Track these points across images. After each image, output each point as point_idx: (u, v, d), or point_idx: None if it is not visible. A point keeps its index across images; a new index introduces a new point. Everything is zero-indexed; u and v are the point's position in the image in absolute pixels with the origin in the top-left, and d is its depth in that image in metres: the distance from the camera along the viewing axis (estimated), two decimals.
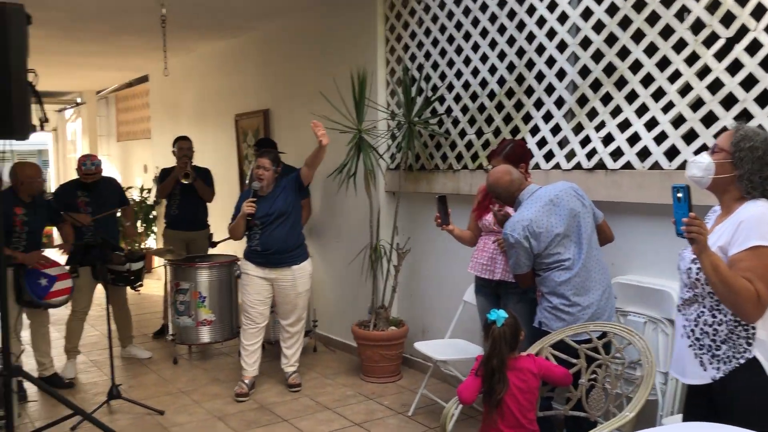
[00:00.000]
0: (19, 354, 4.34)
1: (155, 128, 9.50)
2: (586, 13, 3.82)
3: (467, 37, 4.57)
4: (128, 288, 5.30)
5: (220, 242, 5.99)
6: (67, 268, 4.82)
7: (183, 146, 6.04)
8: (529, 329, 3.20)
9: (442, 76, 4.80)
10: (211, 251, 6.09)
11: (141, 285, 5.16)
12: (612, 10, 3.68)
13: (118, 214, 5.65)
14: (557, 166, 4.00)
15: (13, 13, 3.26)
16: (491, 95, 4.43)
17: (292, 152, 5.73)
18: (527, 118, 4.21)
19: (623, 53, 3.65)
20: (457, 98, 4.68)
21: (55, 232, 5.55)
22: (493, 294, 3.73)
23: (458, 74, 4.66)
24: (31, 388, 4.74)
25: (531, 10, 4.12)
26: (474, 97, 4.56)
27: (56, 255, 5.08)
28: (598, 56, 3.77)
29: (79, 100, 12.46)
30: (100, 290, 5.17)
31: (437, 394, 4.39)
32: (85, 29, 6.52)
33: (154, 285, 8.76)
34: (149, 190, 9.85)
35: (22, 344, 4.55)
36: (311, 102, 5.73)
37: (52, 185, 13.87)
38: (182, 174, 5.90)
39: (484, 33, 4.45)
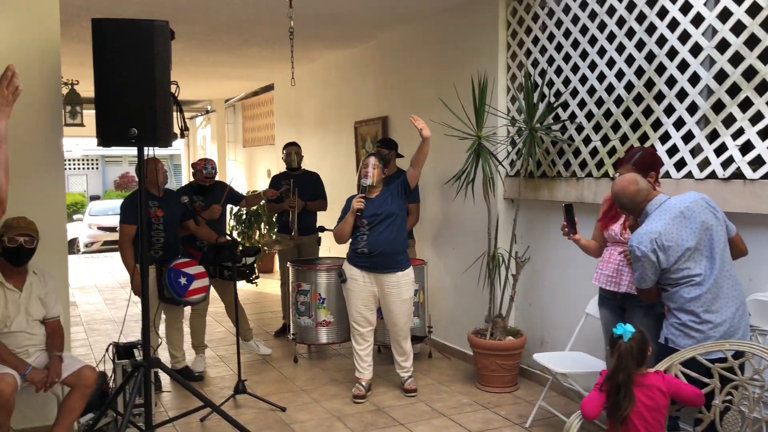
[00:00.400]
0: (157, 347, 4.65)
1: (279, 135, 9.89)
2: (724, 15, 3.62)
3: (593, 41, 4.45)
4: (246, 283, 5.42)
5: (329, 230, 6.17)
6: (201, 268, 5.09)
7: (291, 152, 6.27)
8: (654, 345, 3.07)
9: (566, 82, 4.70)
10: (326, 254, 6.24)
11: (257, 277, 5.33)
12: (754, 10, 3.47)
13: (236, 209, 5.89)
14: (689, 175, 3.81)
15: (160, 29, 3.52)
16: (618, 101, 4.29)
17: (408, 158, 5.78)
18: (657, 124, 4.04)
19: (766, 56, 3.43)
20: (582, 104, 4.57)
21: None
22: (619, 307, 3.60)
23: (583, 79, 4.55)
24: (165, 380, 5.07)
25: (662, 13, 3.95)
26: (600, 102, 4.43)
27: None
28: (736, 59, 3.56)
29: (209, 108, 13.19)
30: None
31: (556, 407, 4.29)
32: (217, 41, 6.91)
33: (275, 284, 9.12)
34: None
35: (160, 338, 4.87)
36: (430, 109, 5.77)
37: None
38: (292, 226, 6.09)
39: (611, 37, 4.31)
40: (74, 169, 30.51)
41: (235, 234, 9.86)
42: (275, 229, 10.05)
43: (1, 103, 1.76)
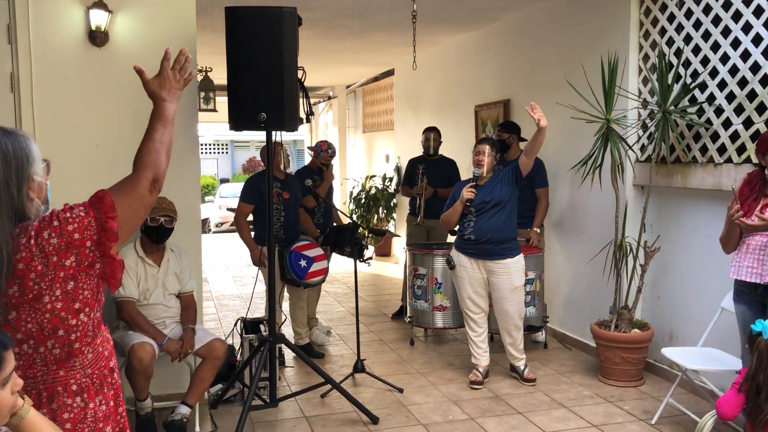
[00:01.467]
0: (281, 323, 4.84)
1: (398, 120, 9.96)
2: None
3: (737, 16, 4.13)
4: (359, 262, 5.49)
5: None
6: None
7: (429, 137, 6.27)
8: None
9: (704, 61, 4.39)
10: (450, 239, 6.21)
11: (370, 258, 5.38)
12: None
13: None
14: None
15: (288, 15, 3.63)
16: (764, 81, 3.96)
17: None
18: None
19: None
20: (722, 85, 4.26)
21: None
22: (759, 302, 3.34)
23: (724, 58, 4.23)
24: (288, 355, 5.27)
25: None
26: (743, 83, 4.10)
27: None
28: None
29: (331, 94, 13.49)
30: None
31: (685, 404, 4.06)
32: (341, 27, 7.03)
33: (391, 267, 9.23)
34: (390, 179, 10.38)
35: (284, 315, 5.06)
36: (555, 91, 5.59)
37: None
38: (418, 216, 6.14)
39: (758, 11, 3.98)
40: (206, 153, 32.24)
41: (354, 217, 10.06)
42: (394, 213, 10.22)
43: (172, 87, 1.87)
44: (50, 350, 1.67)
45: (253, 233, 5.30)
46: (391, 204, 10.24)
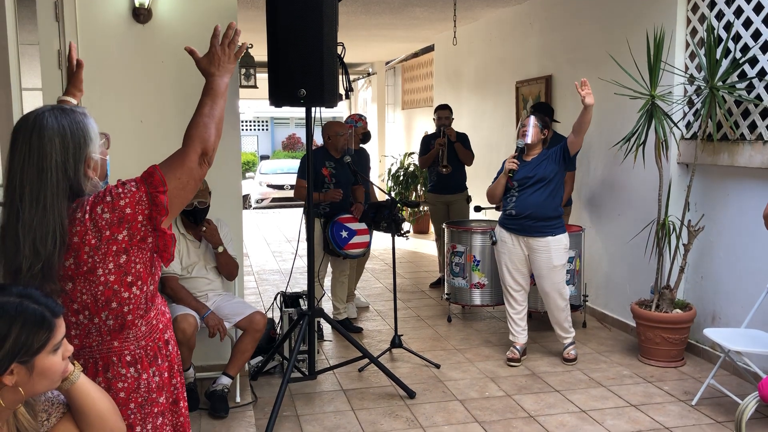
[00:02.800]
0: (320, 298, 4.90)
1: (437, 96, 9.89)
2: None
3: None
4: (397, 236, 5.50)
5: (487, 209, 6.11)
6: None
7: (441, 115, 6.30)
8: None
9: (756, 35, 4.25)
10: (478, 216, 6.17)
11: (408, 232, 5.38)
12: None
13: None
14: None
15: None
16: None
17: (572, 119, 5.54)
18: None
19: None
20: None
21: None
22: None
23: None
24: (327, 329, 5.34)
25: None
26: None
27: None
28: None
29: (370, 70, 13.45)
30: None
31: (727, 386, 4.00)
32: (380, 2, 6.99)
33: (431, 245, 9.24)
34: None
35: (323, 289, 5.11)
36: (598, 66, 5.48)
37: None
38: (442, 167, 6.20)
39: None
40: (246, 130, 32.56)
41: (393, 194, 10.06)
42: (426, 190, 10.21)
43: (224, 60, 1.90)
44: (104, 321, 1.73)
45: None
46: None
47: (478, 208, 6.15)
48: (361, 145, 5.85)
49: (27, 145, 1.66)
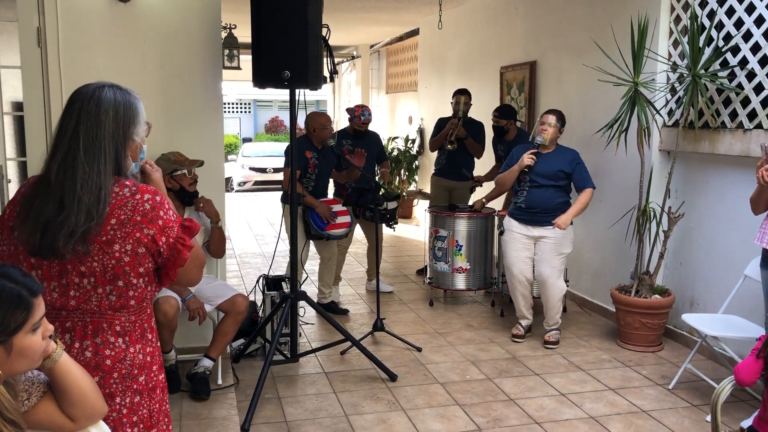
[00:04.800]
0: (302, 281, 4.90)
1: (422, 81, 9.86)
2: None
3: None
4: (385, 226, 5.55)
5: (477, 185, 6.19)
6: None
7: (459, 100, 6.20)
8: None
9: (738, 24, 4.28)
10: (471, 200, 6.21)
11: (396, 223, 5.42)
12: None
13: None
14: None
15: None
16: None
17: (556, 105, 5.57)
18: None
19: None
20: (756, 48, 4.15)
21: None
22: None
23: (759, 21, 4.12)
24: (309, 312, 5.34)
25: None
26: None
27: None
28: None
29: (354, 53, 13.37)
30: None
31: (703, 371, 4.07)
32: None
33: (413, 230, 9.26)
34: (413, 141, 10.33)
35: (305, 273, 5.11)
36: (582, 53, 5.50)
37: None
38: (448, 142, 6.12)
39: None
40: (229, 112, 32.28)
41: (377, 178, 10.05)
42: (416, 175, 10.20)
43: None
44: (107, 294, 1.75)
45: (282, 193, 5.36)
46: (413, 166, 10.21)
47: (472, 189, 6.17)
48: (369, 128, 5.83)
49: (85, 112, 1.74)
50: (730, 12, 4.33)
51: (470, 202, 6.19)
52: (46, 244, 1.67)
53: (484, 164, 6.55)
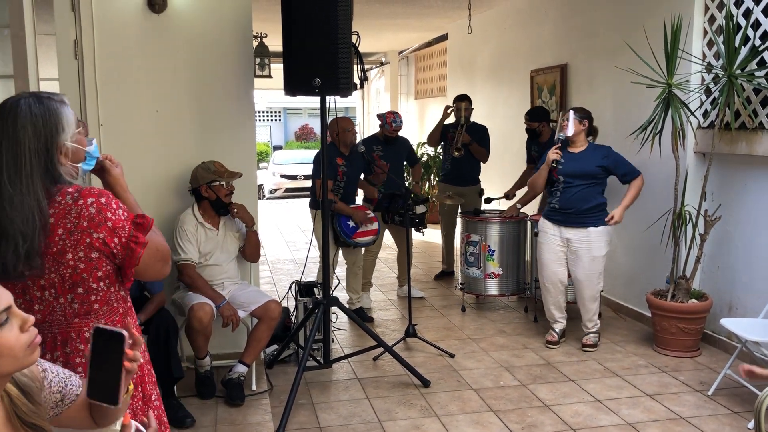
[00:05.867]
0: (333, 288, 4.91)
1: (450, 86, 9.85)
2: None
3: None
4: (414, 231, 5.55)
5: (495, 200, 6.12)
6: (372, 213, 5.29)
7: (460, 107, 6.22)
8: None
9: None
10: (487, 207, 6.15)
11: (425, 227, 5.39)
12: None
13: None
14: None
15: None
16: None
17: (588, 108, 5.50)
18: None
19: None
20: None
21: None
22: None
23: None
24: (341, 318, 5.35)
25: None
26: None
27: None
28: None
29: (383, 60, 13.40)
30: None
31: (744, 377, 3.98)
32: None
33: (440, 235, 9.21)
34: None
35: (336, 279, 5.13)
36: (614, 55, 5.44)
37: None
38: (454, 149, 6.16)
39: None
40: (259, 120, 32.57)
41: (406, 183, 10.05)
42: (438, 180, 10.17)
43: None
44: (69, 303, 1.76)
45: (310, 199, 5.40)
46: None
47: (488, 200, 6.15)
48: (398, 134, 5.84)
49: (2, 132, 1.70)
50: (767, 10, 4.25)
51: (483, 207, 6.17)
52: (11, 270, 1.67)
53: (504, 169, 6.50)
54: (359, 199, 5.72)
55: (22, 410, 1.38)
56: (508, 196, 6.15)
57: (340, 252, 5.38)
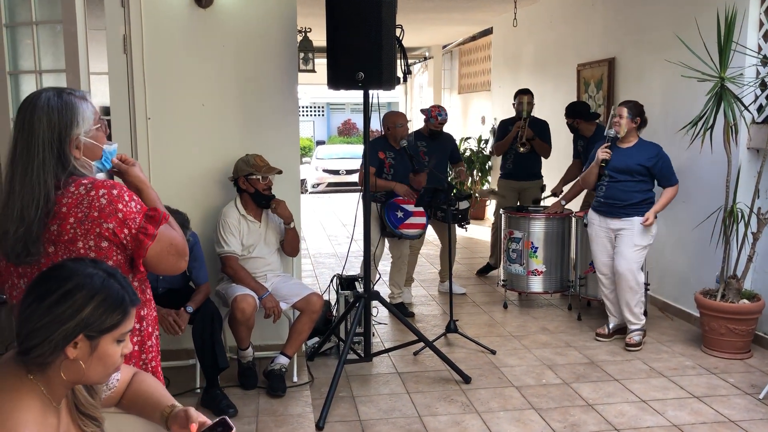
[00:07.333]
0: (375, 281, 4.91)
1: (495, 80, 9.75)
2: None
3: None
4: (457, 226, 5.52)
5: (546, 198, 6.04)
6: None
7: (522, 100, 6.09)
8: None
9: None
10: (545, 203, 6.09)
11: (468, 223, 5.36)
12: None
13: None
14: None
15: None
16: None
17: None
18: None
19: None
20: None
21: None
22: None
23: None
24: (382, 313, 5.35)
25: None
26: None
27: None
28: None
29: (427, 54, 13.36)
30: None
31: None
32: None
33: (486, 231, 9.15)
34: (486, 141, 10.22)
35: (378, 273, 5.13)
36: (664, 48, 5.31)
37: None
38: (519, 144, 6.02)
39: None
40: (303, 115, 32.83)
41: (449, 179, 10.00)
42: (489, 176, 10.08)
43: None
44: None
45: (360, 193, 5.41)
46: (486, 167, 10.11)
47: (536, 201, 6.07)
48: (443, 130, 5.80)
49: (21, 122, 1.80)
50: None
51: (543, 202, 6.08)
52: (14, 253, 1.76)
53: (549, 164, 6.40)
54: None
55: (82, 402, 1.48)
56: (556, 193, 6.04)
57: (386, 244, 5.38)
